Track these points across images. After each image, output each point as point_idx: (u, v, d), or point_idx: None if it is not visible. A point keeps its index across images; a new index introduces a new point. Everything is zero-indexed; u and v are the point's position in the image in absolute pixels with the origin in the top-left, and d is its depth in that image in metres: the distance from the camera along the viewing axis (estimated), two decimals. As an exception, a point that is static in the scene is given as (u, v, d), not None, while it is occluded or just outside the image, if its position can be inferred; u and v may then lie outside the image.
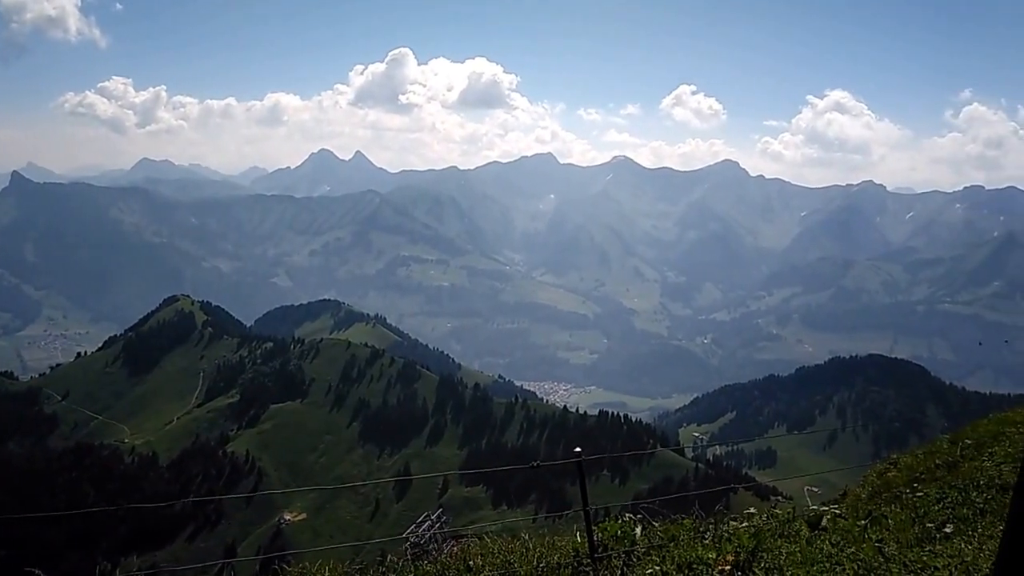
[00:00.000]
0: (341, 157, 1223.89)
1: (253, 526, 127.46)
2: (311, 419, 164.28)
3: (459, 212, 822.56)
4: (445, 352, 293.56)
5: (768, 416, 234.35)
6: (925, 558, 4.88)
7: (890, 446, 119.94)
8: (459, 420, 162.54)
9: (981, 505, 9.34)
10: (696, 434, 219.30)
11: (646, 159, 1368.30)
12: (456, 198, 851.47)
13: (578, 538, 8.35)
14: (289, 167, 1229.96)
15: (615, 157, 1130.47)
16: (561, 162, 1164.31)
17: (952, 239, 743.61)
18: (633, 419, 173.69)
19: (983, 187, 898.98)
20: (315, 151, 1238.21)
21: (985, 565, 5.77)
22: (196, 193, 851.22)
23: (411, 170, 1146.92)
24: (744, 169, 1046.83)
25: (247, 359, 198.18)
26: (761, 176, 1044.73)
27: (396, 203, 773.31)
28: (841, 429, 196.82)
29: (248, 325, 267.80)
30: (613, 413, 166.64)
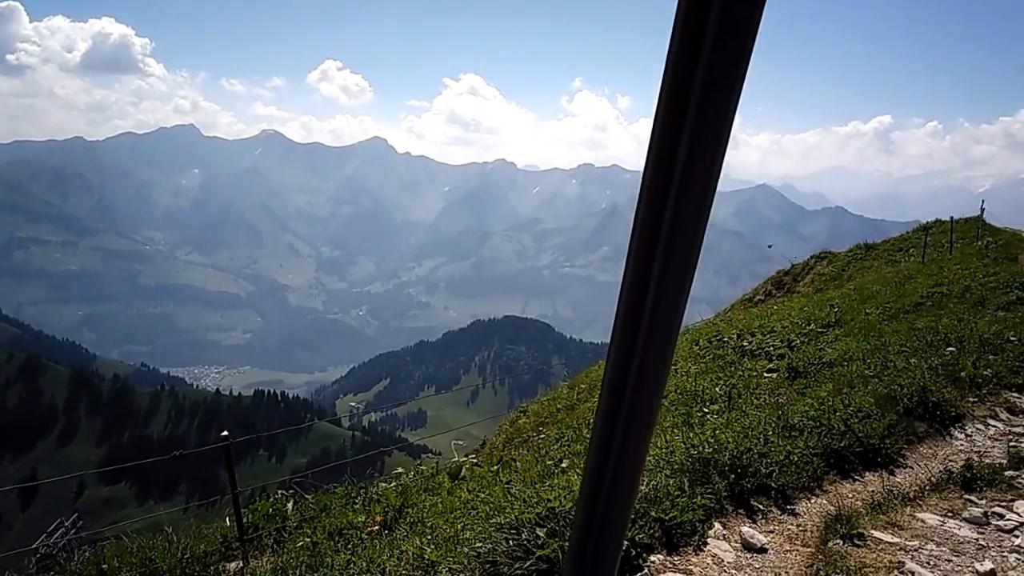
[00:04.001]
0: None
1: None
2: None
3: (87, 187, 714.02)
4: (77, 343, 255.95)
5: (419, 380, 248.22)
6: (543, 492, 5.62)
7: (523, 396, 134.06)
8: (96, 416, 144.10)
9: (592, 440, 10.94)
10: (352, 403, 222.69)
11: (296, 134, 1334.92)
12: (83, 172, 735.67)
13: (228, 522, 8.09)
14: None
15: (264, 131, 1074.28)
16: (205, 134, 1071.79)
17: (570, 211, 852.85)
18: (290, 395, 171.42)
19: (593, 165, 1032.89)
20: None
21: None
22: None
23: (26, 140, 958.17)
24: (392, 146, 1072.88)
25: None
26: (408, 153, 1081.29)
27: (7, 177, 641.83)
28: (482, 385, 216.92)
29: None
30: (269, 391, 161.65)
